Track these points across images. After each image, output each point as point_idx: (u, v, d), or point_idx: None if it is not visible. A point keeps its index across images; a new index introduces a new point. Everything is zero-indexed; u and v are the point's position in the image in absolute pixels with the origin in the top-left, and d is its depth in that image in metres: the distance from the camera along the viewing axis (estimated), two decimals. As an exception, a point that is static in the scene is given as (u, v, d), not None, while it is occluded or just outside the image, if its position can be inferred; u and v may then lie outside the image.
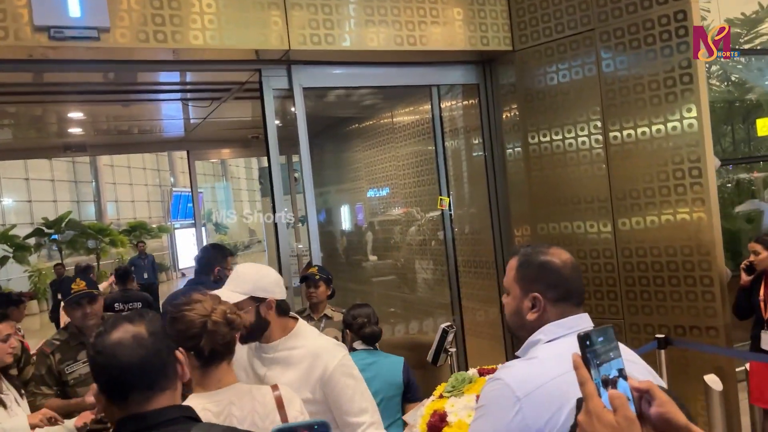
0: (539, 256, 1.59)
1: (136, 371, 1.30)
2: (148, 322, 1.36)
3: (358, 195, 7.25)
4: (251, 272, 2.14)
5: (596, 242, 4.03)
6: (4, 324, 2.76)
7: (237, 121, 7.39)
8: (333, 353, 2.09)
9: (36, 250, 17.43)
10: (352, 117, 7.07)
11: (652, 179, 3.76)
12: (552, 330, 1.51)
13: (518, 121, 4.43)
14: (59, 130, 7.42)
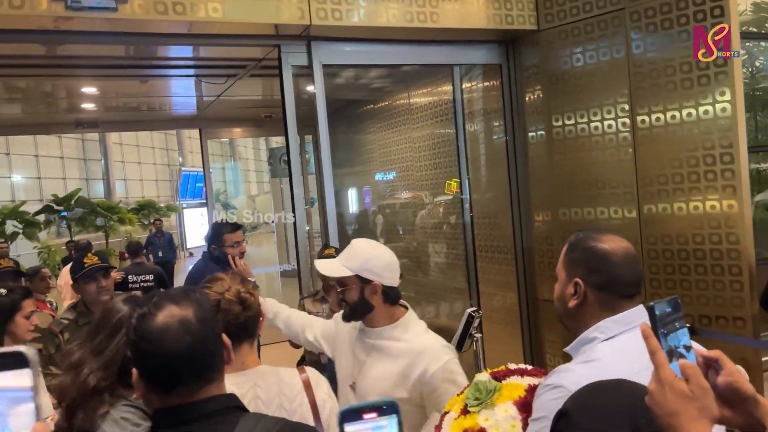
0: (587, 241, 1.50)
1: (185, 361, 1.19)
2: (196, 304, 1.25)
3: (371, 177, 7.17)
4: (365, 250, 2.05)
5: (620, 228, 3.93)
6: (27, 300, 2.70)
7: (250, 100, 7.30)
8: (437, 355, 1.96)
9: (46, 227, 17.46)
10: (365, 98, 6.96)
11: (680, 165, 3.65)
12: (609, 327, 1.39)
13: (542, 103, 4.32)
14: (70, 106, 7.36)
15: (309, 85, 5.13)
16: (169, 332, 1.18)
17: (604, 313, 1.42)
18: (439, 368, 1.94)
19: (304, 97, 4.63)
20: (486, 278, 4.86)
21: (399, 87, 6.24)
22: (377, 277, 2.00)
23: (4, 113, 7.58)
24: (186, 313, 1.21)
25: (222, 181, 28.98)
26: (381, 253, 2.06)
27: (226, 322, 1.65)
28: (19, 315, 2.66)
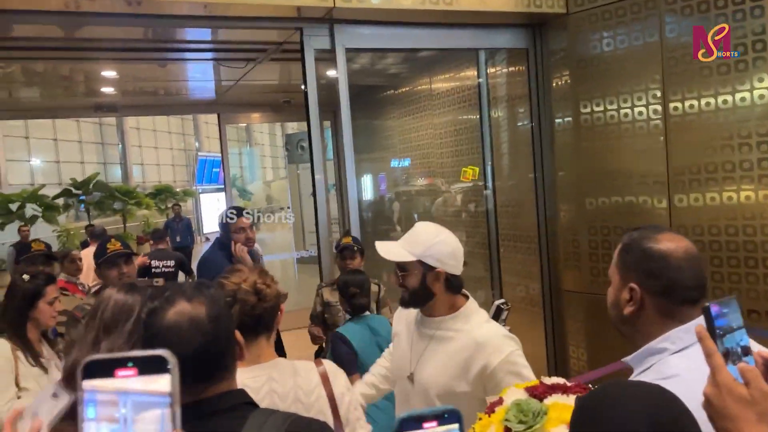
0: (643, 242, 1.35)
1: (194, 361, 1.14)
2: (209, 301, 1.21)
3: (389, 164, 7.08)
4: (429, 234, 1.93)
5: (649, 219, 3.83)
6: (51, 286, 2.66)
7: (269, 85, 7.23)
8: (499, 347, 1.85)
9: (64, 211, 17.59)
10: (385, 83, 6.87)
11: (714, 153, 3.54)
12: (680, 337, 1.26)
13: (569, 89, 4.20)
14: (88, 90, 7.34)
15: (329, 70, 5.06)
16: (179, 332, 1.16)
17: (666, 320, 1.30)
18: (502, 361, 1.83)
19: (322, 82, 4.55)
20: (509, 268, 4.78)
21: (420, 72, 6.14)
22: (441, 264, 1.89)
23: (23, 97, 7.58)
24: (198, 311, 1.18)
25: (238, 166, 29.05)
26: (445, 239, 1.93)
27: (242, 313, 1.61)
28: (43, 301, 2.62)
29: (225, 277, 1.70)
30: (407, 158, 6.55)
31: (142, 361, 0.68)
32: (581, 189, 4.18)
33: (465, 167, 5.18)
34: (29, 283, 2.62)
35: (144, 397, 0.67)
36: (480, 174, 4.99)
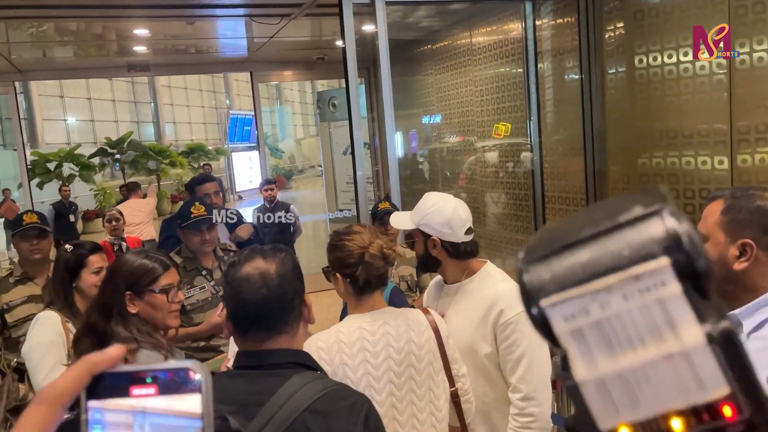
0: (753, 200, 1.38)
1: (257, 310, 1.30)
2: (281, 261, 1.34)
3: (426, 121, 6.88)
4: (427, 204, 2.00)
5: (708, 180, 3.62)
6: (94, 256, 2.58)
7: (302, 41, 7.05)
8: (514, 302, 1.81)
9: (100, 170, 17.84)
10: (422, 38, 6.61)
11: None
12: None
13: (624, 41, 3.95)
14: (120, 49, 7.26)
15: (364, 25, 4.85)
16: (249, 282, 1.30)
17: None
18: (513, 318, 1.83)
19: (356, 38, 4.37)
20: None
21: (460, 26, 5.87)
22: (435, 233, 1.96)
23: (57, 56, 7.54)
24: (269, 267, 1.31)
25: (270, 124, 29.00)
26: (441, 208, 1.97)
27: (368, 273, 1.77)
28: (86, 271, 2.54)
29: (347, 238, 1.81)
30: (444, 115, 6.35)
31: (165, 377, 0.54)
32: (634, 147, 3.97)
33: (497, 124, 5.01)
34: (71, 254, 2.54)
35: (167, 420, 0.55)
36: (525, 131, 4.79)
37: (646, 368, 0.33)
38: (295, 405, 1.22)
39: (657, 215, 0.34)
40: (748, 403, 0.32)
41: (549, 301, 0.34)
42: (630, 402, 0.33)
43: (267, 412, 1.21)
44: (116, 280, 1.88)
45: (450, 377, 1.86)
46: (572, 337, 0.34)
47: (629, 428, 0.33)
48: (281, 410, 1.22)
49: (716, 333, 0.32)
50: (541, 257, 0.36)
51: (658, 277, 0.33)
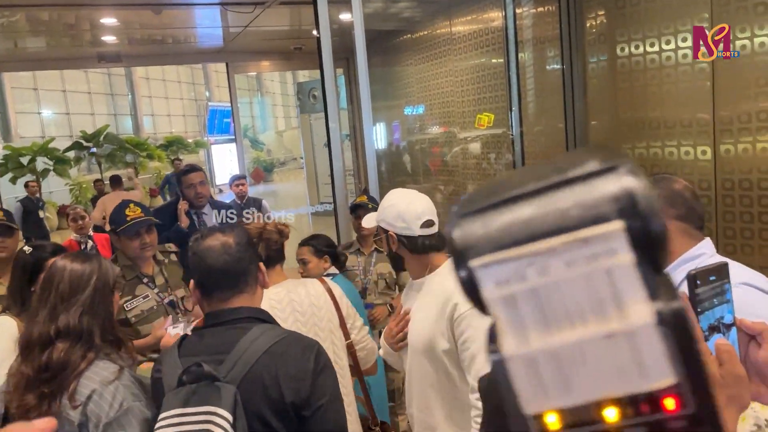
0: (660, 181, 1.63)
1: (220, 274, 1.53)
2: (237, 234, 1.58)
3: (406, 112, 6.77)
4: (387, 200, 2.00)
5: (691, 170, 3.57)
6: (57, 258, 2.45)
7: (279, 31, 6.90)
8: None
9: (76, 164, 17.48)
10: (401, 28, 6.50)
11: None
12: (710, 247, 1.56)
13: (605, 30, 3.87)
14: (93, 39, 7.05)
15: (342, 14, 4.73)
16: (212, 250, 1.53)
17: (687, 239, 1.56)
18: (467, 311, 1.76)
19: (335, 27, 4.24)
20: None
21: (439, 15, 5.77)
22: (390, 227, 1.95)
23: (30, 47, 7.31)
24: (228, 238, 1.55)
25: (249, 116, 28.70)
26: (395, 203, 1.96)
27: (267, 248, 2.11)
28: None
29: (247, 224, 2.16)
30: (426, 106, 6.25)
31: None
32: (616, 136, 3.91)
33: (480, 114, 4.93)
34: (31, 256, 2.39)
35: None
36: (506, 122, 4.72)
37: (583, 347, 0.29)
38: (256, 349, 1.46)
39: (613, 171, 0.29)
40: (694, 397, 0.29)
41: (480, 261, 0.30)
42: (561, 385, 0.30)
43: (233, 357, 1.45)
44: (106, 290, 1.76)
45: (345, 332, 2.22)
46: (503, 305, 0.30)
47: (557, 415, 0.30)
48: (245, 354, 1.45)
49: (667, 313, 0.28)
50: (476, 211, 0.32)
51: (608, 244, 0.29)
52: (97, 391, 1.58)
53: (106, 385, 1.59)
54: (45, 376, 1.61)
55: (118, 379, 1.61)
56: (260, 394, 1.43)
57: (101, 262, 1.78)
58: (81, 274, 1.72)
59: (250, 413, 1.40)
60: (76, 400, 1.57)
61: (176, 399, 1.40)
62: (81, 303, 1.68)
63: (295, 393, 1.44)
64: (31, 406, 1.59)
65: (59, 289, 1.70)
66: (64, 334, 1.65)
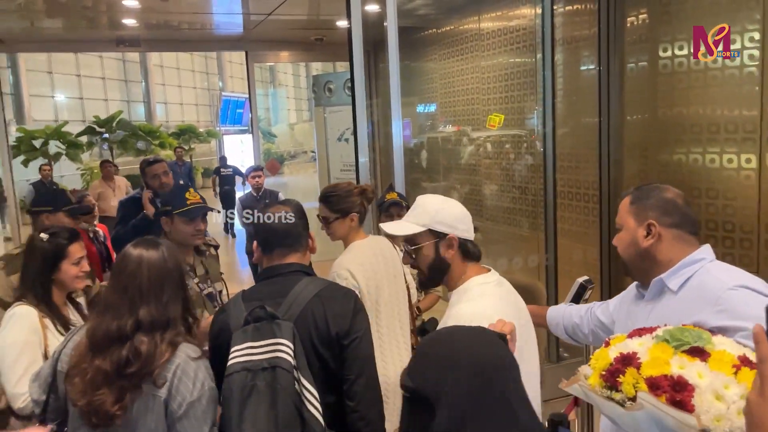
0: (652, 190, 1.71)
1: (281, 234, 1.92)
2: (294, 206, 1.99)
3: (429, 110, 6.62)
4: (433, 203, 1.87)
5: (733, 180, 3.41)
6: (74, 245, 2.32)
7: (301, 20, 6.76)
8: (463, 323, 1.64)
9: (88, 149, 17.43)
10: (427, 23, 6.34)
11: (821, 108, 3.07)
12: (710, 251, 1.65)
13: (647, 30, 3.71)
14: (111, 22, 6.93)
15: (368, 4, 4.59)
16: (272, 218, 1.94)
17: (683, 245, 1.65)
18: None
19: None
20: (563, 228, 4.39)
21: (468, 10, 5.61)
22: (451, 229, 1.81)
23: (45, 27, 7.20)
24: (287, 209, 1.96)
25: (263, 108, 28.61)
26: (452, 205, 1.88)
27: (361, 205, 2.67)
28: (66, 262, 2.30)
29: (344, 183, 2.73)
30: (448, 103, 6.09)
31: None
32: (654, 142, 3.75)
33: (491, 114, 4.80)
34: (48, 243, 2.28)
35: None
36: (533, 121, 4.57)
37: None
38: (307, 294, 1.80)
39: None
40: None
41: None
42: None
43: (288, 300, 1.79)
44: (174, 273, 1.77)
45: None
46: None
47: None
48: (299, 297, 1.79)
49: None
50: None
51: None
52: (182, 366, 1.63)
53: (190, 362, 1.65)
54: (130, 370, 1.60)
55: (201, 359, 1.68)
56: (311, 327, 1.76)
57: (171, 248, 1.79)
58: (160, 264, 1.72)
59: (303, 343, 1.72)
60: (163, 378, 1.61)
61: (245, 335, 1.69)
62: (165, 293, 1.70)
63: (338, 326, 1.78)
64: (110, 402, 1.57)
65: (138, 281, 1.68)
66: (147, 327, 1.64)
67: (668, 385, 1.15)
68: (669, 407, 1.12)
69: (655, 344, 1.25)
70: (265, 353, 1.66)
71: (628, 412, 1.18)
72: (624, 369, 1.21)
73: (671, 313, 1.54)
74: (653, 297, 1.67)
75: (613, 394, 1.22)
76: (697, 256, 1.63)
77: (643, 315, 1.67)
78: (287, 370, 1.64)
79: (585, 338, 2.10)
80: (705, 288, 1.55)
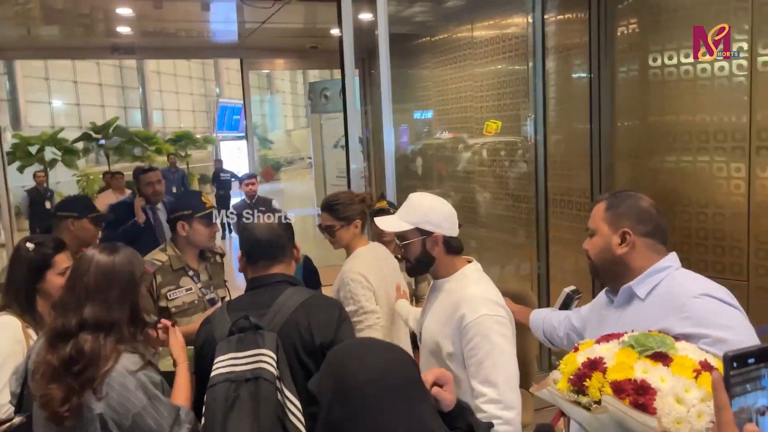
0: (627, 198, 1.74)
1: (265, 245, 1.94)
2: (279, 218, 2.03)
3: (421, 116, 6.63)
4: (423, 203, 2.07)
5: (723, 188, 3.42)
6: (60, 255, 2.31)
7: (296, 28, 6.80)
8: (476, 307, 1.89)
9: (84, 155, 17.42)
10: (420, 31, 6.37)
11: (809, 117, 3.09)
12: (676, 260, 1.68)
13: (637, 39, 3.73)
14: (107, 29, 6.95)
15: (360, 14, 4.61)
16: (259, 227, 1.98)
17: (654, 255, 1.67)
18: (474, 320, 1.88)
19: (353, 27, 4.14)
20: (556, 236, 4.40)
21: (461, 18, 5.64)
22: (437, 228, 2.01)
23: (43, 34, 7.21)
24: (271, 221, 2.00)
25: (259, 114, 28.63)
26: (439, 205, 2.07)
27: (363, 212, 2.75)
28: (52, 272, 2.28)
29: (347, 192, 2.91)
30: (441, 110, 6.11)
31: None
32: (645, 150, 3.76)
33: (487, 121, 4.83)
34: (35, 252, 2.27)
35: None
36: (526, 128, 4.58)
37: None
38: (291, 304, 1.82)
39: None
40: None
41: None
42: None
43: (273, 310, 1.80)
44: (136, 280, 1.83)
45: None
46: None
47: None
48: (283, 308, 1.81)
49: None
50: None
51: None
52: (121, 382, 1.64)
53: (131, 376, 1.65)
54: (75, 368, 1.64)
55: (142, 371, 1.68)
56: (296, 337, 1.78)
57: (129, 255, 1.83)
58: (108, 266, 1.76)
59: (287, 353, 1.74)
60: (101, 392, 1.63)
61: (228, 346, 1.71)
62: (111, 295, 1.73)
63: (323, 336, 1.79)
64: (58, 399, 1.63)
65: (86, 281, 1.74)
66: (90, 326, 1.69)
67: (632, 389, 1.18)
68: (632, 410, 1.16)
69: (620, 349, 1.28)
70: (248, 364, 1.67)
71: (594, 416, 1.21)
72: (591, 373, 1.24)
73: (639, 320, 1.57)
74: (622, 304, 1.70)
75: (580, 398, 1.25)
76: (664, 264, 1.65)
77: (613, 320, 1.69)
78: (270, 381, 1.65)
79: (560, 342, 2.17)
80: (671, 296, 1.58)
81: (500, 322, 1.88)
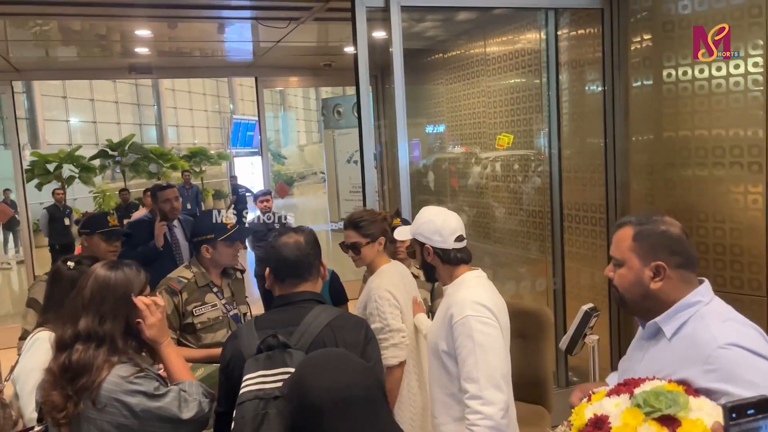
0: (658, 225, 1.62)
1: (292, 263, 1.93)
2: (306, 234, 2.00)
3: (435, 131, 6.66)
4: (421, 216, 2.25)
5: (740, 203, 3.41)
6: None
7: (309, 47, 6.86)
8: (463, 308, 2.04)
9: (101, 172, 17.64)
10: (433, 47, 6.42)
11: (826, 131, 3.07)
12: (705, 293, 1.58)
13: (651, 53, 3.74)
14: (124, 50, 7.07)
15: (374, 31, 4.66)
16: (288, 245, 1.95)
17: (687, 286, 1.58)
18: (459, 321, 2.03)
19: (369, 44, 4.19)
20: (571, 252, 4.39)
21: (474, 35, 5.68)
22: (427, 240, 2.19)
23: (60, 56, 7.35)
24: (299, 237, 1.98)
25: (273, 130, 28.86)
26: (432, 219, 2.21)
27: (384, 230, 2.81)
28: None
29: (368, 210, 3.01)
30: (454, 126, 6.14)
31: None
32: (659, 165, 3.75)
33: (499, 135, 4.85)
34: (76, 270, 2.33)
35: None
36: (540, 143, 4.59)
37: None
38: (319, 323, 1.84)
39: None
40: None
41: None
42: None
43: (301, 329, 1.82)
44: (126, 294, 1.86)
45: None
46: None
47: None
48: (310, 327, 1.83)
49: None
50: None
51: None
52: (115, 390, 1.69)
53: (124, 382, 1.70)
54: (67, 376, 1.71)
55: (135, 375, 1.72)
56: None
57: (129, 272, 1.87)
58: (104, 280, 1.82)
59: None
60: (99, 402, 1.68)
61: (257, 363, 1.74)
62: (101, 308, 1.78)
63: None
64: (57, 405, 1.70)
65: (84, 294, 1.81)
66: (84, 337, 1.75)
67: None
68: None
69: (627, 409, 1.25)
70: (276, 381, 1.70)
71: None
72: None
73: (662, 364, 1.52)
74: (648, 338, 1.63)
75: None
76: (693, 299, 1.57)
77: (639, 355, 1.66)
78: None
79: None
80: (696, 342, 1.49)
81: (483, 322, 2.01)
